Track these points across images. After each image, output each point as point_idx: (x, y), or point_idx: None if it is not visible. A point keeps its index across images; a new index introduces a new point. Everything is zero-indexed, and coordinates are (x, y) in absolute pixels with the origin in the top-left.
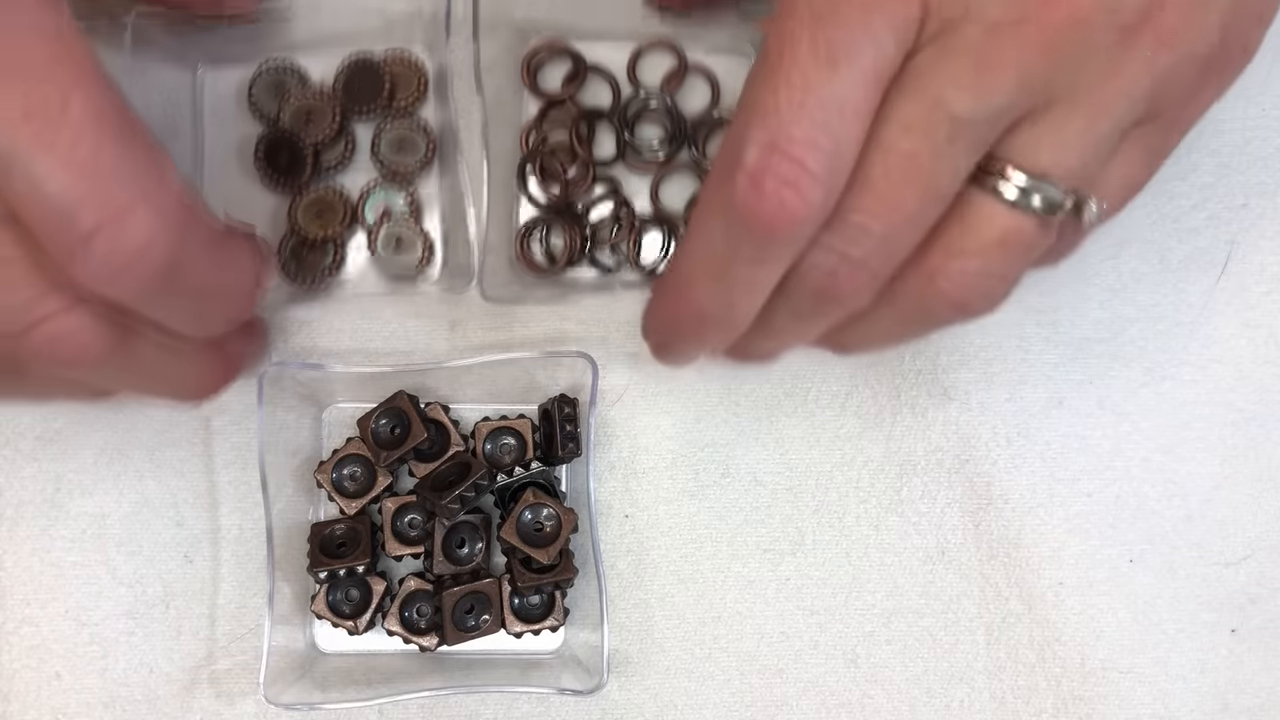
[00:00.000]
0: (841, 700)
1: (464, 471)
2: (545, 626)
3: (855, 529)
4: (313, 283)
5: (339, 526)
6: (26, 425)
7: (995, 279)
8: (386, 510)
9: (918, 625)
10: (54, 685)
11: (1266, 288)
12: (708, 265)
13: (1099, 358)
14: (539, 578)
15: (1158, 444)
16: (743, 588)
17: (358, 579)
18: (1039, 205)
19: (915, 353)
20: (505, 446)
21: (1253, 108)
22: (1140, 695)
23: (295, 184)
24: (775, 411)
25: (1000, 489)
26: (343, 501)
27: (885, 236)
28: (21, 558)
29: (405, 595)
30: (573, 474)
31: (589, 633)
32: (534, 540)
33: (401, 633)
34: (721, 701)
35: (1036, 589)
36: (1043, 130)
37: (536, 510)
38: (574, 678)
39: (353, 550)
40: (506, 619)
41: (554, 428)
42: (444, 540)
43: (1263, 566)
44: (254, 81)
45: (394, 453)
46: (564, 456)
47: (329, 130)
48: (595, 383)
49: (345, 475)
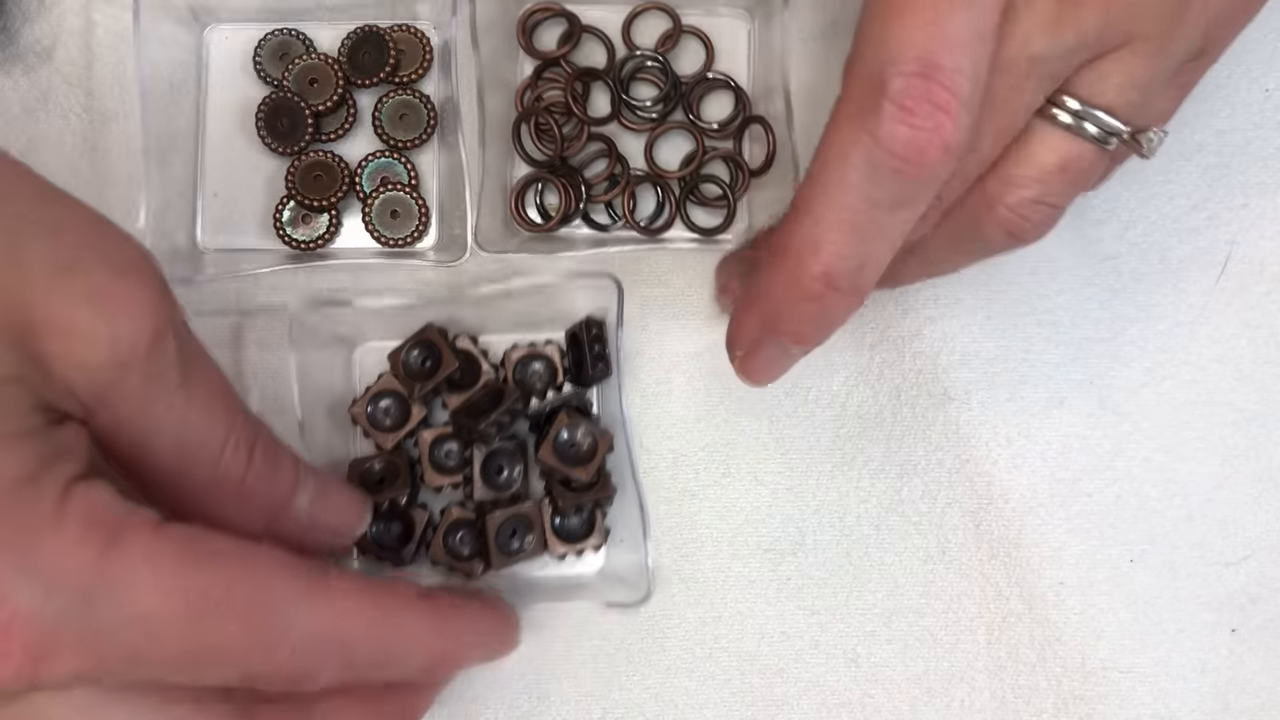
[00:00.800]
0: (842, 700)
1: (497, 398)
2: (588, 546)
3: (856, 529)
4: (308, 247)
5: (377, 462)
6: None
7: (1049, 207)
8: (423, 442)
9: (918, 625)
10: None
11: (1266, 288)
12: (841, 217)
13: (1099, 358)
14: (579, 496)
15: (1158, 444)
16: (743, 587)
17: (399, 512)
18: (1097, 134)
19: (915, 353)
20: (535, 373)
21: (1253, 108)
22: (1141, 695)
23: (294, 148)
24: (775, 411)
25: (1001, 489)
26: (379, 436)
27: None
28: None
29: (448, 524)
30: (604, 397)
31: (630, 553)
32: (572, 459)
33: (446, 561)
34: (722, 701)
35: (1037, 589)
36: (1111, 68)
37: (573, 430)
38: (617, 594)
39: (391, 484)
40: (549, 541)
41: (583, 350)
42: (483, 467)
43: (1263, 566)
44: (261, 44)
45: (427, 384)
46: (594, 377)
47: (332, 97)
48: (621, 303)
49: (380, 410)
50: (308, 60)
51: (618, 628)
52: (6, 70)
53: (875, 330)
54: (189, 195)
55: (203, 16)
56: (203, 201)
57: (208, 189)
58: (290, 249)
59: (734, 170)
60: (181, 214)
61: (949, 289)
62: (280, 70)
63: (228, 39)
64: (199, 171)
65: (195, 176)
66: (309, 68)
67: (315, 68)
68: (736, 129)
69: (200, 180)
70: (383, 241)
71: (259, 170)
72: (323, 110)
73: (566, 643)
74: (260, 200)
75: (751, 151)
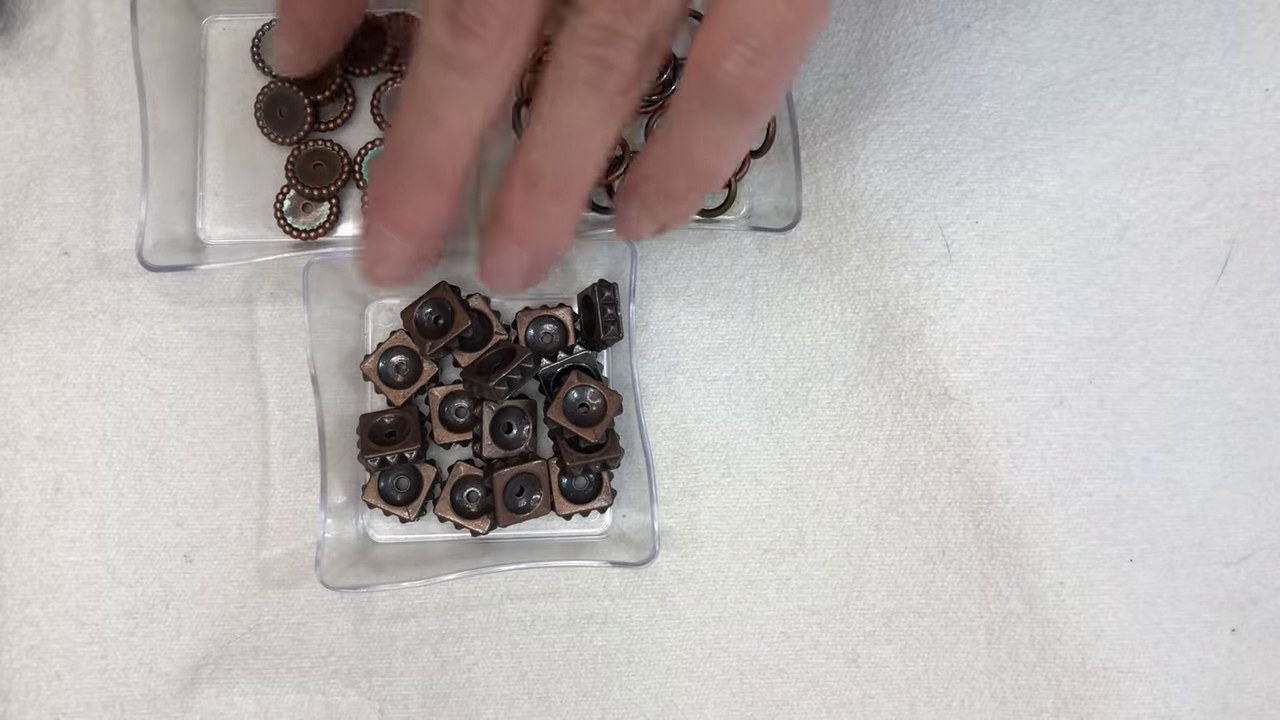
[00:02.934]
0: (842, 700)
1: (509, 357)
2: (594, 507)
3: (856, 529)
4: (310, 236)
5: (388, 416)
6: (26, 425)
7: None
8: (434, 398)
9: (918, 625)
10: (54, 685)
11: (1266, 288)
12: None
13: (1099, 358)
14: (587, 457)
15: (1158, 444)
16: (743, 587)
17: (408, 467)
18: None
19: (916, 353)
20: (547, 334)
21: (1253, 108)
22: (1140, 695)
23: (293, 137)
24: (775, 411)
25: (1001, 488)
26: (390, 392)
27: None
28: (21, 558)
29: (456, 480)
30: (614, 359)
31: (636, 514)
32: (581, 420)
33: (453, 518)
34: (721, 701)
35: (1037, 588)
36: None
37: (582, 391)
38: (623, 554)
39: (402, 439)
40: (556, 500)
41: (595, 313)
42: (492, 424)
43: (1263, 566)
44: (260, 34)
45: (439, 341)
46: (606, 340)
47: (330, 87)
48: (634, 267)
49: (392, 366)
50: None
51: (618, 628)
52: (7, 69)
53: (875, 330)
54: (190, 186)
55: (200, 8)
56: (203, 192)
57: (208, 180)
58: (292, 238)
59: None
60: (183, 205)
61: (949, 289)
62: None
63: (225, 30)
64: (199, 162)
65: (195, 167)
66: None
67: None
68: None
69: (201, 171)
70: None
71: (259, 160)
72: (321, 99)
73: (567, 643)
74: (261, 190)
75: None
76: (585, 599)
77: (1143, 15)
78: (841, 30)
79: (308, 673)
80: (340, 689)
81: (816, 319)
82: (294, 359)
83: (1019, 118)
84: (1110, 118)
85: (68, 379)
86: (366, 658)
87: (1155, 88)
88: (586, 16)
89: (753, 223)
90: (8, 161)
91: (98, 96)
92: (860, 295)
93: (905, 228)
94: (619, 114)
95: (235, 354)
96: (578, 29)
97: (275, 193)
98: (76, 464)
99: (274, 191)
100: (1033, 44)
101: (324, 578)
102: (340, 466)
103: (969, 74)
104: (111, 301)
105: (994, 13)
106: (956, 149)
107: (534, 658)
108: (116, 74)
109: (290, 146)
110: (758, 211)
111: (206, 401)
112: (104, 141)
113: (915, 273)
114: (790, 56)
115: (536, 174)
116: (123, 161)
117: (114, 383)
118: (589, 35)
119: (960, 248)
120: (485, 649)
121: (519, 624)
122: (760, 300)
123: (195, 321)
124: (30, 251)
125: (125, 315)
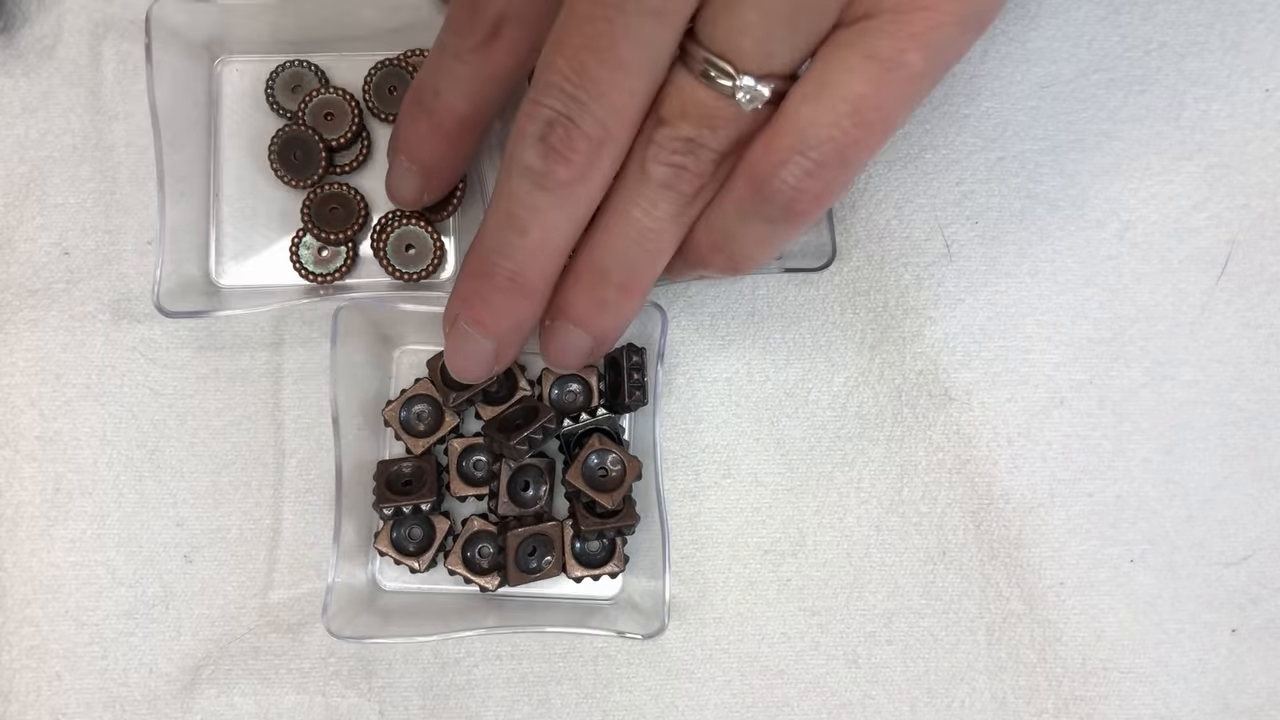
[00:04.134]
0: (842, 701)
1: (531, 415)
2: (606, 572)
3: (856, 529)
4: (326, 280)
5: (405, 465)
6: (26, 425)
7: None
8: (453, 450)
9: (919, 626)
10: (54, 685)
11: (1266, 288)
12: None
13: (1099, 358)
14: (602, 522)
15: (1158, 444)
16: (743, 588)
17: (422, 517)
18: (716, 79)
19: (916, 353)
20: (571, 393)
21: (1253, 108)
22: (1141, 695)
23: (308, 181)
24: (775, 412)
25: (1001, 489)
26: (410, 440)
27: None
28: (21, 558)
29: (469, 535)
30: (636, 423)
31: (646, 580)
32: (599, 485)
33: (463, 572)
34: (722, 703)
35: (1037, 589)
36: (718, 11)
37: (602, 455)
38: (631, 623)
39: (418, 489)
40: (568, 563)
41: (621, 376)
42: (509, 482)
43: (1263, 566)
44: (273, 76)
45: (462, 394)
46: (630, 404)
47: (348, 132)
48: (664, 333)
49: (413, 414)
50: (324, 94)
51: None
52: (7, 69)
53: (876, 331)
54: (204, 229)
55: (214, 49)
56: (216, 234)
57: (224, 224)
58: (308, 283)
59: None
60: (196, 248)
61: (949, 289)
62: (293, 102)
63: (239, 72)
64: (214, 205)
65: (210, 210)
66: (325, 101)
67: (331, 101)
68: None
69: (216, 214)
70: (397, 275)
71: (273, 203)
72: (337, 145)
73: (568, 644)
74: (275, 233)
75: None
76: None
77: (1143, 15)
78: None
79: (308, 673)
80: (340, 690)
81: (816, 319)
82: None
83: (1019, 118)
84: (1110, 118)
85: (68, 379)
86: (366, 659)
87: (1155, 88)
88: (668, 129)
89: (786, 264)
90: (8, 161)
91: (98, 96)
92: (860, 295)
93: (905, 228)
94: (690, 215)
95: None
96: (659, 139)
97: (291, 236)
98: (76, 464)
99: (289, 235)
100: (1033, 44)
101: (330, 625)
102: (354, 510)
103: (969, 74)
104: (111, 301)
105: None
106: (956, 149)
107: (534, 659)
108: (117, 74)
109: (305, 190)
110: (789, 251)
111: (206, 401)
112: (104, 141)
113: (915, 273)
114: (849, 171)
115: (605, 269)
116: (123, 161)
117: (114, 383)
118: (671, 146)
119: (960, 248)
120: (485, 651)
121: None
122: (760, 300)
123: (196, 322)
124: (30, 251)
125: (125, 315)
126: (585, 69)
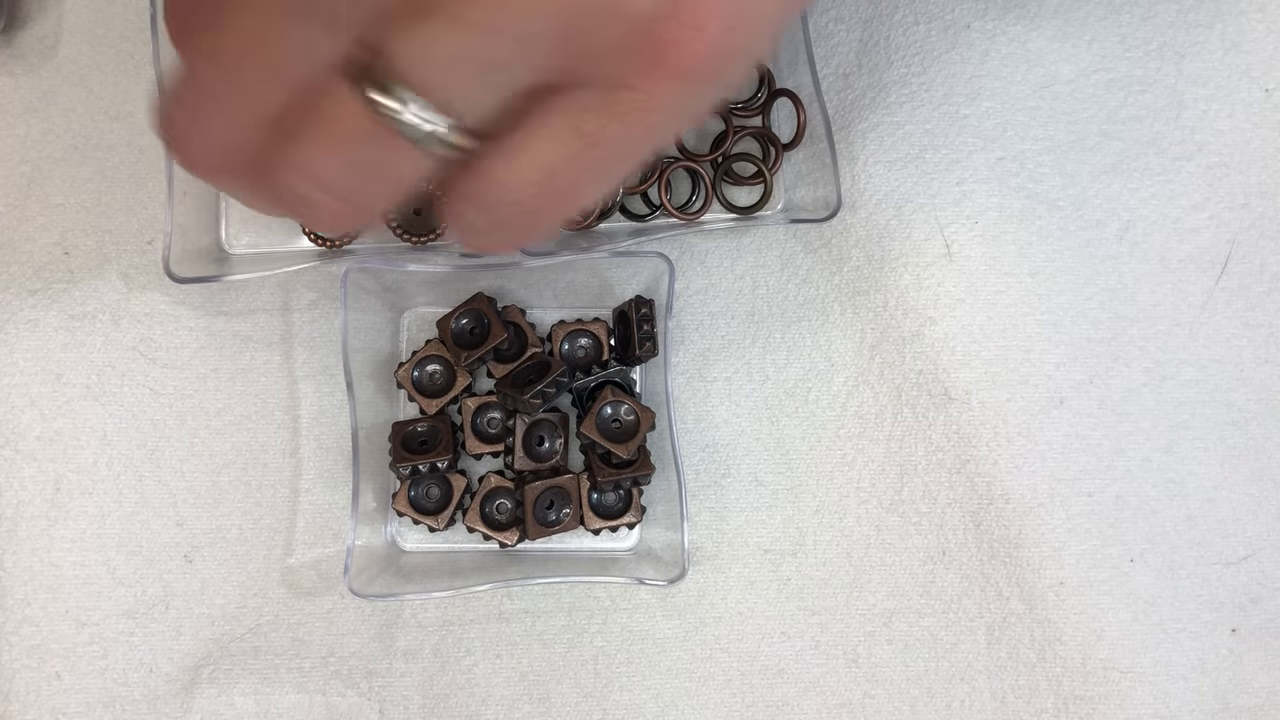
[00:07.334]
0: (842, 700)
1: (543, 370)
2: (623, 523)
3: (856, 529)
4: (335, 244)
5: (420, 425)
6: (26, 425)
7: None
8: (467, 409)
9: (919, 625)
10: (54, 685)
11: (1266, 288)
12: None
13: (1099, 358)
14: (618, 473)
15: (1158, 444)
16: (743, 588)
17: (439, 476)
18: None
19: (916, 353)
20: (581, 348)
21: (1253, 108)
22: (1141, 695)
23: None
24: (776, 412)
25: (1001, 489)
26: (423, 401)
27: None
28: (21, 558)
29: (486, 491)
30: (648, 375)
31: (666, 532)
32: (613, 435)
33: (482, 529)
34: (722, 702)
35: (1037, 589)
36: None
37: (616, 407)
38: (651, 572)
39: (434, 448)
40: (585, 516)
41: (630, 329)
42: (524, 437)
43: (1263, 566)
44: None
45: (474, 352)
46: (641, 356)
47: None
48: (672, 284)
49: (426, 375)
50: None
51: (618, 629)
52: (7, 69)
53: (876, 331)
54: (213, 196)
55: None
56: (226, 202)
57: None
58: (317, 247)
59: (766, 146)
60: (207, 215)
61: (949, 289)
62: None
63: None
64: None
65: None
66: None
67: None
68: (763, 104)
69: None
70: (404, 238)
71: None
72: None
73: (568, 644)
74: None
75: (780, 125)
76: (586, 600)
77: (1143, 15)
78: (841, 30)
79: (308, 673)
80: (340, 689)
81: (816, 319)
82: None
83: (1019, 118)
84: (1110, 118)
85: (68, 379)
86: (366, 658)
87: (1155, 88)
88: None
89: (791, 215)
90: (9, 161)
91: (98, 96)
92: (860, 295)
93: (905, 228)
94: None
95: (235, 354)
96: None
97: None
98: (76, 464)
99: None
100: (1033, 44)
101: (353, 585)
102: (370, 473)
103: (969, 74)
104: (111, 301)
105: (994, 13)
106: (956, 149)
107: (534, 658)
108: (117, 74)
109: None
110: (796, 204)
111: (206, 401)
112: (105, 141)
113: (915, 273)
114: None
115: None
116: (124, 161)
117: (114, 383)
118: None
119: (960, 248)
120: (485, 650)
121: (519, 625)
122: (760, 300)
123: (196, 322)
124: (30, 251)
125: (125, 315)
126: None
